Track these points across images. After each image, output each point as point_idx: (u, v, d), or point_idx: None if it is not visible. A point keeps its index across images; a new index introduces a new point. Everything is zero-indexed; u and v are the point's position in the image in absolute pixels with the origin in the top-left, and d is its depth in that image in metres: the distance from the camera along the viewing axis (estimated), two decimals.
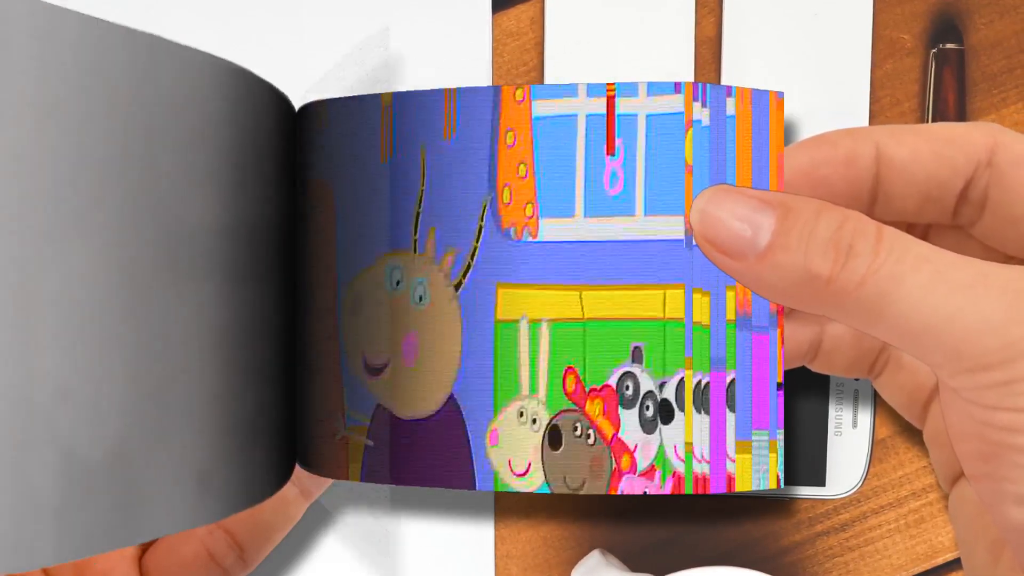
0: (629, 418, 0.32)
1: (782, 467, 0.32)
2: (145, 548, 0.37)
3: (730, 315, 0.31)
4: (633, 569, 0.45)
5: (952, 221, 0.32)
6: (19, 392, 0.25)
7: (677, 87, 0.31)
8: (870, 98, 0.45)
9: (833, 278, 0.28)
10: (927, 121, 0.45)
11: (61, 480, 0.26)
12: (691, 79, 0.45)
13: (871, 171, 0.31)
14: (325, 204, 0.35)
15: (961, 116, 0.44)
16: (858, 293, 0.28)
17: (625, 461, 0.32)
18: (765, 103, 0.32)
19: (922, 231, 0.34)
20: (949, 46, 0.45)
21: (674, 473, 0.32)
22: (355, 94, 0.35)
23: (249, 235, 0.32)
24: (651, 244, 0.32)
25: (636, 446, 0.32)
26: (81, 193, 0.27)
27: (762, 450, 0.32)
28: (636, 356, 0.32)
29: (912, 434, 0.45)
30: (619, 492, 0.32)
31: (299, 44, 0.45)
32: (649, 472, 0.32)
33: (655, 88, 0.32)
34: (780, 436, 0.32)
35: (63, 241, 0.26)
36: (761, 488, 0.31)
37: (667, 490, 0.32)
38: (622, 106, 0.32)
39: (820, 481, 0.44)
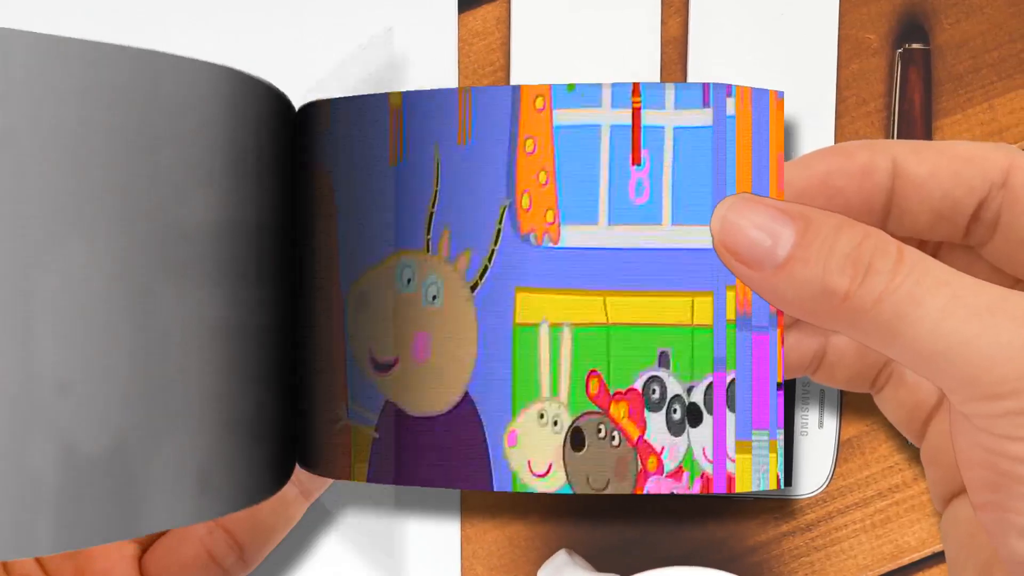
0: (655, 421, 0.32)
1: (782, 467, 0.32)
2: (145, 548, 0.37)
3: (730, 315, 0.31)
4: (599, 569, 0.45)
5: (963, 240, 0.32)
6: (20, 388, 0.25)
7: (705, 98, 0.31)
8: (836, 98, 0.45)
9: (850, 295, 0.28)
10: (893, 121, 0.45)
11: (60, 473, 0.26)
12: (657, 79, 0.45)
13: (886, 185, 0.31)
14: (327, 202, 0.35)
15: (927, 116, 0.45)
16: (874, 311, 0.27)
17: (652, 462, 0.32)
18: (765, 103, 0.31)
19: (932, 249, 0.33)
20: (915, 46, 0.45)
21: (702, 474, 0.32)
22: (356, 94, 0.35)
23: (249, 235, 0.32)
24: (679, 252, 0.32)
25: (663, 448, 0.32)
26: (82, 194, 0.27)
27: (762, 450, 0.32)
28: (663, 360, 0.32)
29: (878, 435, 0.45)
30: (645, 492, 0.32)
31: (299, 44, 0.45)
32: (676, 473, 0.32)
33: (682, 99, 0.32)
34: (780, 436, 0.32)
35: (64, 241, 0.26)
36: (761, 488, 0.32)
37: (696, 490, 0.32)
38: (648, 118, 0.32)
39: (786, 481, 0.45)
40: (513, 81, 0.45)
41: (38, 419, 0.26)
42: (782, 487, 0.32)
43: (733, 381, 0.31)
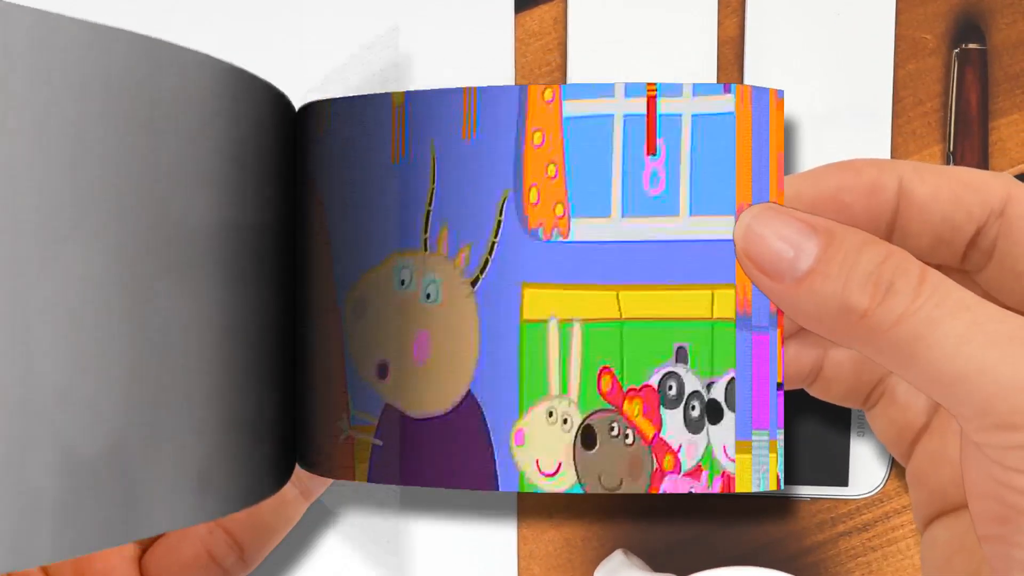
0: (672, 418, 0.32)
1: (782, 467, 0.31)
2: (145, 548, 0.38)
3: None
4: (655, 569, 0.45)
5: (960, 265, 0.32)
6: (18, 391, 0.25)
7: (727, 88, 0.31)
8: (893, 98, 0.45)
9: (869, 313, 0.27)
10: (949, 121, 0.45)
11: (60, 477, 0.26)
12: (714, 79, 0.45)
13: (891, 204, 0.31)
14: (320, 205, 0.34)
15: (984, 116, 0.45)
16: (892, 332, 0.27)
17: (668, 461, 0.32)
18: (765, 102, 0.31)
19: None
20: (971, 46, 0.45)
21: (723, 473, 0.31)
22: (358, 93, 0.34)
23: (249, 235, 0.32)
24: (698, 244, 0.31)
25: (680, 446, 0.32)
26: (80, 194, 0.27)
27: (762, 450, 0.31)
28: (680, 356, 0.31)
29: None
30: (661, 491, 0.31)
31: (299, 44, 0.45)
32: (695, 472, 0.31)
33: (701, 89, 0.31)
34: (780, 436, 0.31)
35: (62, 241, 0.26)
36: (761, 489, 0.31)
37: (715, 489, 0.31)
38: (664, 106, 0.31)
39: (843, 481, 0.44)
40: (571, 81, 0.45)
41: (36, 422, 0.26)
42: (782, 487, 0.32)
43: (733, 380, 0.31)
